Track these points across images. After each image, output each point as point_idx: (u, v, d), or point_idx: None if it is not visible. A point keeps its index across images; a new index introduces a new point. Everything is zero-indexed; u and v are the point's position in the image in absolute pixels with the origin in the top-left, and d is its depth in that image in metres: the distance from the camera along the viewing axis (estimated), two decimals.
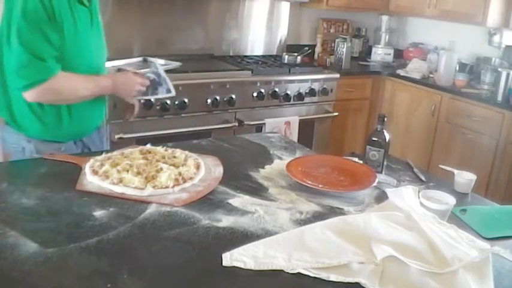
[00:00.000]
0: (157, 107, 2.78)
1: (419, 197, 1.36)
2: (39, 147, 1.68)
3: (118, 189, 1.31)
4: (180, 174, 1.39)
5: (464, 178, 1.66)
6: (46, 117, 1.68)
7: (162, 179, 1.35)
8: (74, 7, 1.63)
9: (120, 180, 1.33)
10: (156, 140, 1.86)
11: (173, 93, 1.92)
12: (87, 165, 1.43)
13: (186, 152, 1.56)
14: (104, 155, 1.50)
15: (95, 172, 1.38)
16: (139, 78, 1.84)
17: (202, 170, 1.46)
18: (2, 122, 1.73)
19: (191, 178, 1.39)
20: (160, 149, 1.58)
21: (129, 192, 1.30)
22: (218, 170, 1.50)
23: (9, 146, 1.72)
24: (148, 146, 1.60)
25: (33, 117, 1.67)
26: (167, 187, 1.33)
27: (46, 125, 1.69)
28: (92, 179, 1.36)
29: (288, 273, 1.01)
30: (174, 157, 1.52)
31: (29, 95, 1.59)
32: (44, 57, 1.56)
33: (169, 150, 1.58)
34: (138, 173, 1.38)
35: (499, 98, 3.17)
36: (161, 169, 1.40)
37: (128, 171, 1.38)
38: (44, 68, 1.57)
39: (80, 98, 1.71)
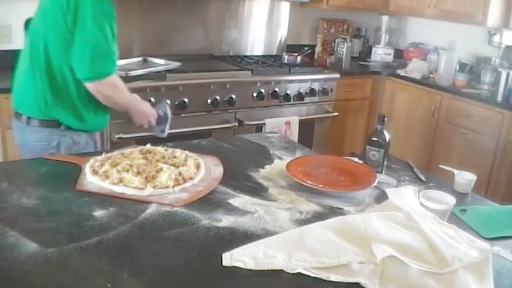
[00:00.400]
0: None
1: (419, 197, 1.36)
2: (75, 139, 1.75)
3: (118, 189, 1.31)
4: (180, 174, 1.39)
5: (464, 178, 1.66)
6: (100, 108, 1.77)
7: (162, 179, 1.35)
8: None
9: (120, 180, 1.33)
10: (156, 140, 1.87)
11: (165, 135, 2.02)
12: (87, 165, 1.43)
13: (186, 152, 1.56)
14: (104, 155, 1.50)
15: (95, 172, 1.38)
16: (155, 113, 1.95)
17: (202, 170, 1.46)
18: (23, 123, 1.74)
19: (191, 178, 1.39)
20: (160, 149, 1.58)
21: (129, 192, 1.30)
22: (218, 170, 1.50)
23: (34, 145, 1.73)
24: (148, 146, 1.60)
25: (91, 108, 1.74)
26: (167, 187, 1.33)
27: (99, 116, 1.80)
28: (92, 179, 1.36)
29: (288, 273, 1.01)
30: (174, 157, 1.52)
31: (94, 86, 1.66)
32: (113, 51, 1.66)
33: (169, 150, 1.58)
34: (138, 173, 1.38)
35: (499, 98, 3.16)
36: (161, 169, 1.40)
37: (127, 171, 1.38)
38: (113, 61, 1.67)
39: (119, 104, 1.80)
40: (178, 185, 1.35)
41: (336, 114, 3.56)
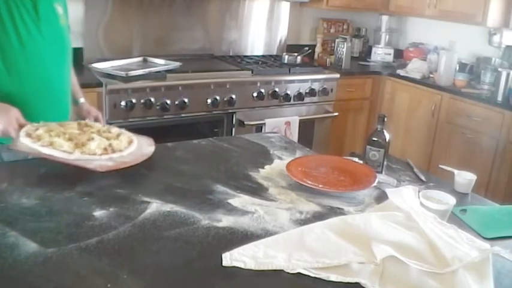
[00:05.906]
0: (157, 107, 2.77)
1: (419, 197, 1.36)
2: None
3: (46, 150, 1.35)
4: (110, 145, 1.43)
5: (464, 178, 1.67)
6: None
7: (91, 147, 1.39)
8: None
9: (51, 144, 1.37)
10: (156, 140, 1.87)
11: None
12: (23, 129, 1.47)
13: (123, 130, 1.59)
14: (41, 122, 1.53)
15: (28, 135, 1.42)
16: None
17: (134, 146, 1.49)
18: None
19: (120, 150, 1.43)
20: (98, 124, 1.62)
21: (57, 154, 1.34)
22: (149, 149, 1.52)
23: None
24: (87, 121, 1.64)
25: None
26: (95, 154, 1.37)
27: None
28: (24, 141, 1.40)
29: (288, 273, 1.01)
30: (110, 132, 1.56)
31: None
32: None
33: (106, 127, 1.60)
34: (70, 140, 1.42)
35: (499, 98, 3.16)
36: (92, 139, 1.44)
37: (59, 136, 1.43)
38: None
39: None
40: (106, 153, 1.38)
41: (336, 114, 3.56)
